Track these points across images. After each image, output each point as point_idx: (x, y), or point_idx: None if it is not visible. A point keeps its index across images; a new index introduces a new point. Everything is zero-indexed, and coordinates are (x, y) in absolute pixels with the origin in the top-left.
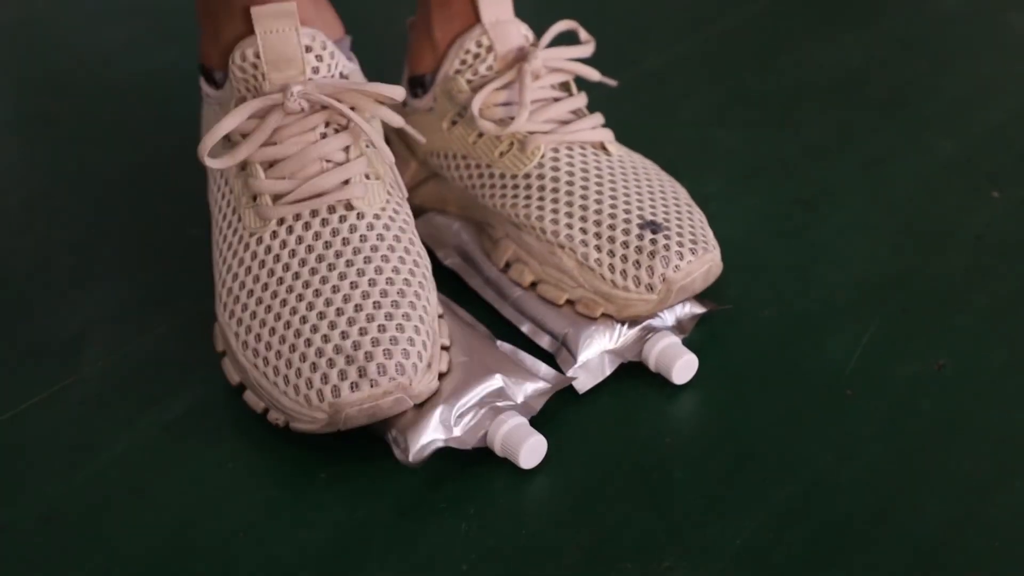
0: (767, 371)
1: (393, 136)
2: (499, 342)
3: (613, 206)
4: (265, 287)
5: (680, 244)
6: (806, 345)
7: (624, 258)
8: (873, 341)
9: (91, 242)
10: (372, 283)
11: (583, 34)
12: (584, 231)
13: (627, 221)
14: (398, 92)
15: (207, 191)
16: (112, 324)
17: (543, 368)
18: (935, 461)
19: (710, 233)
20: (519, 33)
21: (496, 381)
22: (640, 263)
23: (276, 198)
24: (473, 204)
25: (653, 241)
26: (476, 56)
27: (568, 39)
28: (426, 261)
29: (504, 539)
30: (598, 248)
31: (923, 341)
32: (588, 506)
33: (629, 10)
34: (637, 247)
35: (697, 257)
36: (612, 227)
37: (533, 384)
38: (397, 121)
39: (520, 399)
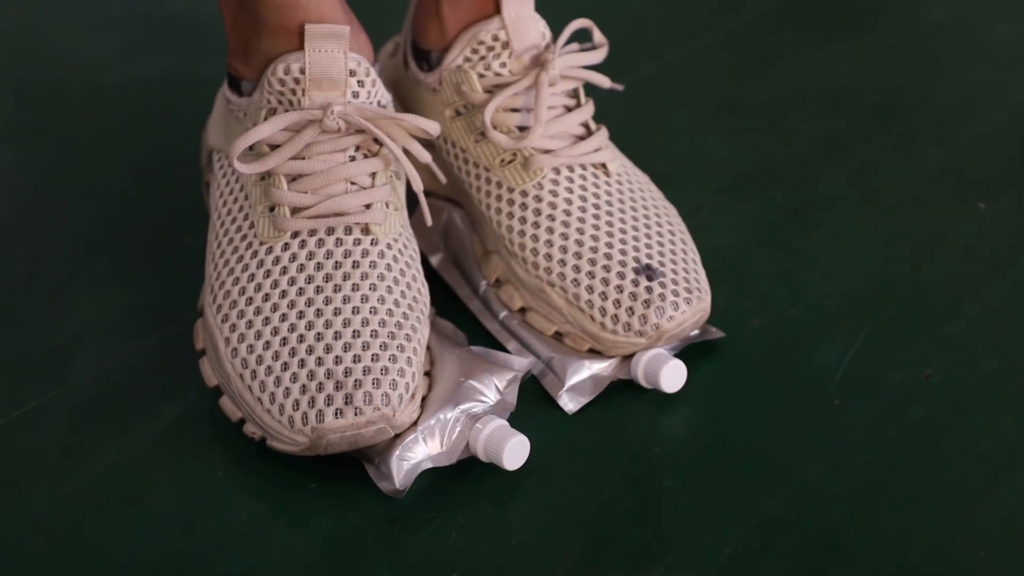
0: (756, 380)
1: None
2: (472, 347)
3: (609, 244)
4: (267, 297)
5: (675, 293)
6: (795, 354)
7: (617, 303)
8: (862, 350)
9: (83, 250)
10: (373, 311)
11: (597, 35)
12: (577, 269)
13: (622, 264)
14: (434, 127)
15: (207, 193)
16: (104, 332)
17: (516, 362)
18: (923, 470)
19: (703, 275)
20: (537, 30)
21: (467, 387)
22: (633, 310)
23: (295, 211)
24: (466, 197)
25: (648, 289)
26: (490, 49)
27: (576, 37)
28: (425, 298)
29: (494, 548)
30: (590, 289)
31: (912, 350)
32: (578, 515)
33: (621, 19)
34: (631, 293)
35: (691, 307)
36: (607, 268)
37: (502, 375)
38: (425, 157)
39: (493, 396)
